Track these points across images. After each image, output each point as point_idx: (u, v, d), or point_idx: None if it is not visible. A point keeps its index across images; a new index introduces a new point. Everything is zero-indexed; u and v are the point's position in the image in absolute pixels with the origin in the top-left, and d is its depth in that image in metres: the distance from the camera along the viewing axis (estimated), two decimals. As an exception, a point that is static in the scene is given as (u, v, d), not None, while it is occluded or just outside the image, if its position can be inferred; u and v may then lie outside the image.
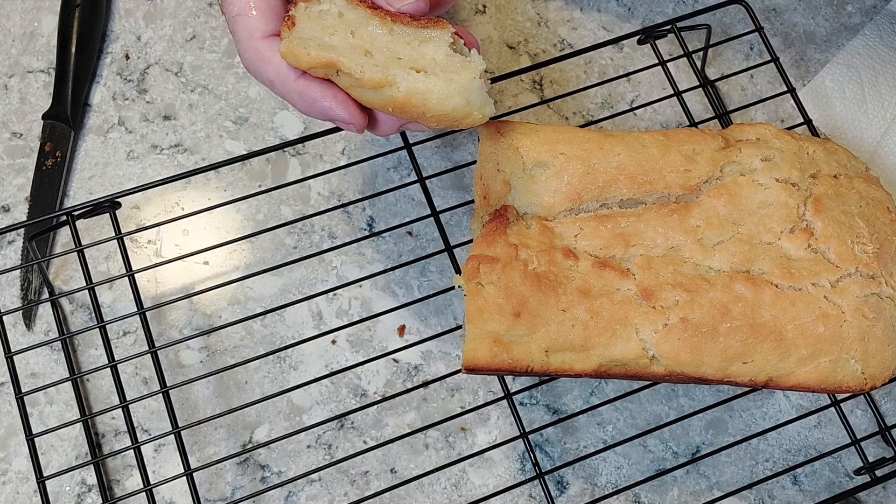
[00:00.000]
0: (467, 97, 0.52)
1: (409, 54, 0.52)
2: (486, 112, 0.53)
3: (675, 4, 0.81)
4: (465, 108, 0.52)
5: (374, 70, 0.51)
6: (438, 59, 0.52)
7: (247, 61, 0.53)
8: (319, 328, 0.70)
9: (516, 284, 0.55)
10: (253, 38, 0.52)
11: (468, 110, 0.52)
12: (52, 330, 0.69)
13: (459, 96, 0.52)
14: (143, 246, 0.72)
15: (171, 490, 0.66)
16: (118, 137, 0.74)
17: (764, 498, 0.68)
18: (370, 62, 0.51)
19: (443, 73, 0.52)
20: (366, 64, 0.51)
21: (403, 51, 0.52)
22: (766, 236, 0.58)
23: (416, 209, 0.73)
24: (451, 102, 0.52)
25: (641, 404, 0.70)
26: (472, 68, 0.52)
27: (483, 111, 0.53)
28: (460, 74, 0.52)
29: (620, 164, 0.59)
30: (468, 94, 0.52)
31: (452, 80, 0.51)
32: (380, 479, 0.67)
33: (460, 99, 0.52)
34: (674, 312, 0.55)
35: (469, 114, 0.53)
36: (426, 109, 0.52)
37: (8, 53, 0.76)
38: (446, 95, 0.51)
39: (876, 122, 0.75)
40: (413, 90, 0.51)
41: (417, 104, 0.51)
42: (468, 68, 0.52)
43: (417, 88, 0.51)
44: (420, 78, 0.51)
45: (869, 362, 0.56)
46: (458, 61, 0.52)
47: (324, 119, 0.54)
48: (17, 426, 0.67)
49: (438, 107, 0.52)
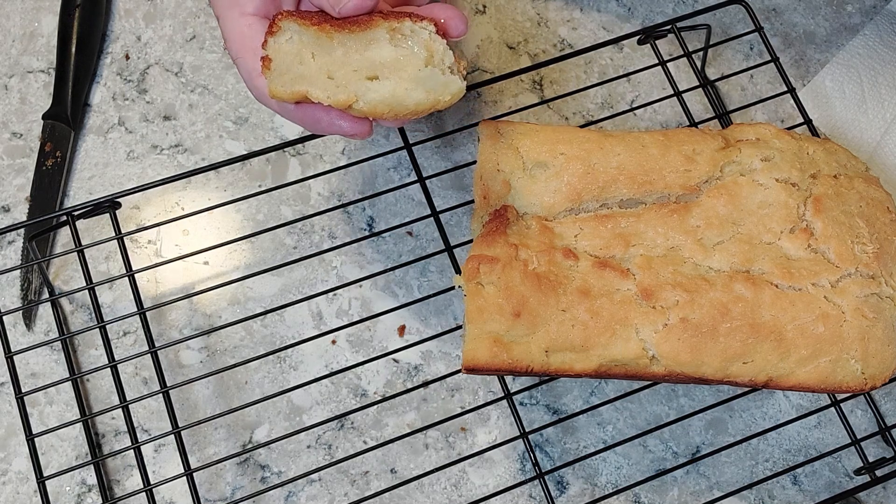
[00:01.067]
0: (424, 88, 0.51)
1: (360, 63, 0.52)
2: (454, 90, 0.52)
3: (675, 4, 0.81)
4: (428, 99, 0.51)
5: (338, 92, 0.51)
6: (384, 60, 0.51)
7: (255, 98, 0.57)
8: (319, 328, 0.70)
9: (516, 284, 0.55)
10: (252, 77, 0.54)
11: (433, 98, 0.52)
12: (52, 330, 0.69)
13: (416, 91, 0.51)
14: (143, 246, 0.72)
15: (171, 490, 0.66)
16: (118, 137, 0.74)
17: (764, 498, 0.68)
18: (333, 84, 0.51)
19: (392, 74, 0.51)
20: (330, 88, 0.51)
21: (356, 61, 0.52)
22: (766, 236, 0.58)
23: (416, 209, 0.73)
24: (412, 99, 0.51)
25: (641, 404, 0.70)
26: (415, 59, 0.51)
27: (450, 91, 0.52)
28: (406, 70, 0.51)
29: (620, 164, 0.59)
30: (423, 85, 0.51)
31: (402, 78, 0.51)
32: (380, 479, 0.67)
33: (418, 93, 0.51)
34: (674, 312, 0.55)
35: (436, 100, 0.52)
36: (395, 113, 0.52)
37: (8, 53, 0.76)
38: (403, 95, 0.51)
39: (876, 122, 0.75)
40: (374, 101, 0.51)
41: (383, 111, 0.51)
42: (411, 60, 0.51)
43: (376, 98, 0.51)
44: (375, 87, 0.51)
45: (869, 362, 0.56)
46: (402, 55, 0.51)
47: (333, 134, 0.55)
48: (17, 426, 0.67)
49: (402, 108, 0.51)
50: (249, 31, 0.54)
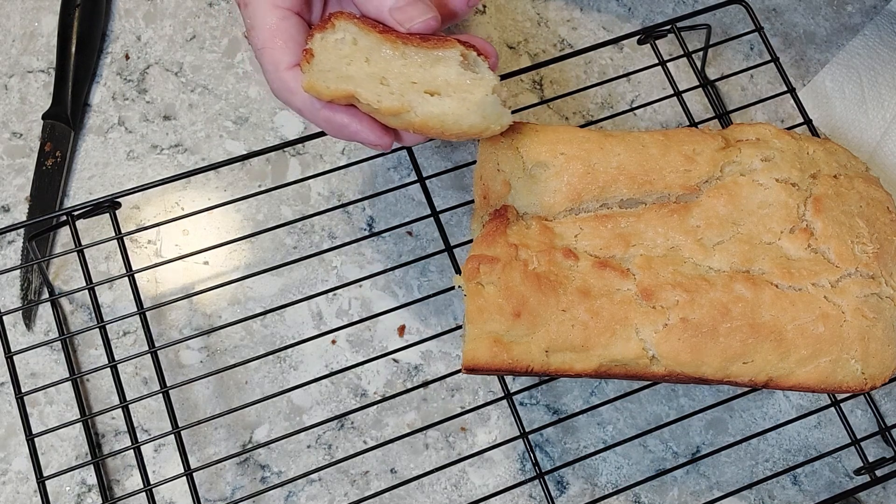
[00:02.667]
0: (482, 114, 0.52)
1: (422, 77, 0.52)
2: (504, 122, 0.54)
3: (675, 4, 0.81)
4: (481, 124, 0.53)
5: (391, 98, 0.51)
6: (451, 79, 0.52)
7: (275, 91, 0.55)
8: (319, 328, 0.70)
9: (516, 284, 0.55)
10: (279, 70, 0.53)
11: (485, 125, 0.53)
12: (52, 330, 0.69)
13: (474, 115, 0.52)
14: (143, 246, 0.72)
15: (171, 490, 0.66)
16: (118, 137, 0.74)
17: (764, 498, 0.68)
18: (386, 90, 0.52)
19: (456, 94, 0.52)
20: (382, 93, 0.51)
21: (416, 74, 0.52)
22: (766, 236, 0.58)
23: (416, 209, 0.73)
24: (468, 121, 0.52)
25: (641, 404, 0.70)
26: (483, 85, 0.52)
27: (501, 122, 0.54)
28: (473, 93, 0.52)
29: (620, 164, 0.59)
30: (483, 111, 0.52)
31: (466, 100, 0.52)
32: (380, 479, 0.67)
33: (476, 117, 0.52)
34: (674, 312, 0.55)
35: (487, 127, 0.53)
36: (444, 130, 0.52)
37: (8, 53, 0.76)
38: (461, 116, 0.52)
39: (876, 122, 0.75)
40: (429, 115, 0.51)
41: (435, 126, 0.52)
42: (480, 85, 0.52)
43: (433, 112, 0.51)
44: (434, 101, 0.52)
45: (869, 362, 0.56)
46: (470, 79, 0.52)
47: (352, 141, 0.55)
48: (17, 426, 0.67)
49: (455, 127, 0.52)
50: (281, 24, 0.53)
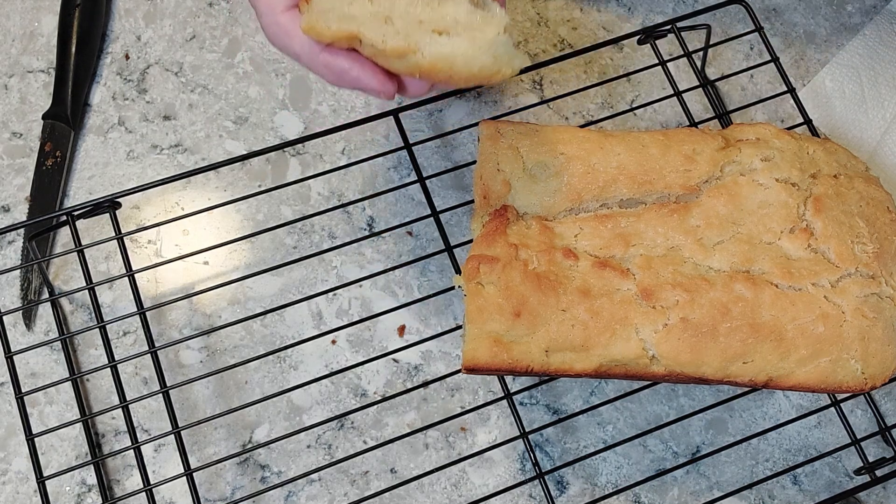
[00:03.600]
0: (493, 54, 0.50)
1: (430, 16, 0.50)
2: (516, 65, 0.51)
3: (675, 4, 0.81)
4: (492, 66, 0.50)
5: (397, 38, 0.49)
6: (460, 17, 0.50)
7: (271, 36, 0.53)
8: (319, 328, 0.70)
9: (516, 284, 0.55)
10: (274, 12, 0.51)
11: (496, 67, 0.51)
12: (52, 330, 0.69)
13: (485, 55, 0.50)
14: (143, 246, 0.72)
15: (171, 490, 0.66)
16: (118, 137, 0.74)
17: (764, 498, 0.68)
18: (392, 30, 0.50)
19: (466, 33, 0.50)
20: (387, 32, 0.49)
21: (424, 13, 0.50)
22: (766, 236, 0.58)
23: (416, 209, 0.73)
24: (478, 62, 0.50)
25: (641, 404, 0.70)
26: (495, 23, 0.50)
27: (513, 65, 0.51)
28: (484, 32, 0.50)
29: (620, 164, 0.59)
30: (494, 51, 0.50)
31: (476, 39, 0.49)
32: (380, 479, 0.67)
33: (487, 57, 0.50)
34: (674, 312, 0.55)
35: (498, 70, 0.51)
36: (453, 72, 0.50)
37: (8, 53, 0.76)
38: (472, 56, 0.50)
39: (876, 122, 0.75)
40: (437, 55, 0.49)
41: (444, 68, 0.50)
42: (491, 24, 0.50)
43: (442, 52, 0.49)
44: (443, 41, 0.49)
45: (869, 362, 0.56)
46: (481, 17, 0.50)
47: (352, 89, 0.53)
48: (17, 426, 0.67)
49: (465, 68, 0.50)
50: None
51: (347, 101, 0.76)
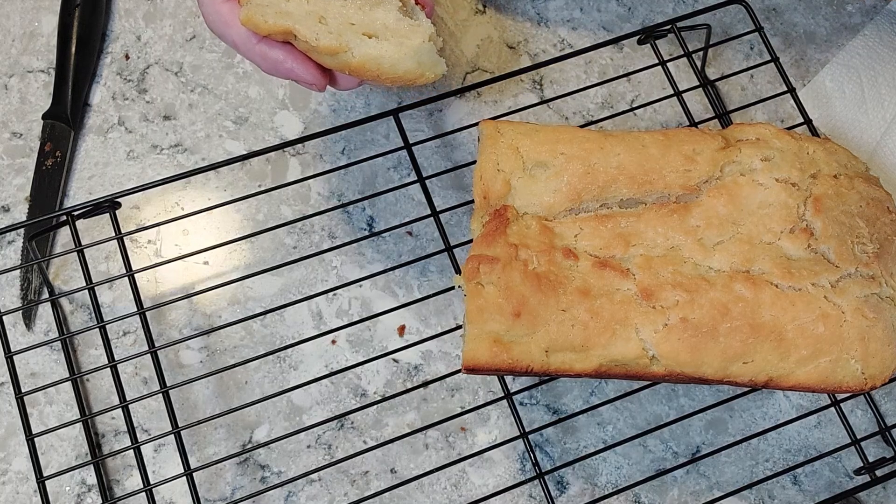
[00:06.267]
0: (418, 60, 0.54)
1: (361, 19, 0.54)
2: (438, 71, 0.56)
3: (675, 4, 0.81)
4: (416, 70, 0.54)
5: (329, 37, 0.53)
6: (389, 23, 0.54)
7: (210, 24, 0.55)
8: (319, 328, 0.70)
9: (516, 284, 0.55)
10: (215, 2, 0.54)
11: (420, 72, 0.55)
12: (52, 330, 0.69)
13: (410, 60, 0.54)
14: (143, 246, 0.72)
15: (171, 490, 0.66)
16: (118, 137, 0.74)
17: (764, 498, 0.68)
18: (324, 29, 0.53)
19: (394, 38, 0.54)
20: (320, 31, 0.53)
21: (356, 16, 0.54)
22: (766, 236, 0.58)
23: (416, 209, 0.73)
24: (403, 66, 0.54)
25: (641, 404, 0.70)
26: (421, 32, 0.54)
27: (435, 71, 0.55)
28: (410, 39, 0.54)
29: (620, 164, 0.59)
30: (419, 58, 0.54)
31: (403, 45, 0.54)
32: (380, 479, 0.67)
33: (411, 62, 0.54)
34: (674, 312, 0.55)
35: (421, 74, 0.55)
36: (380, 73, 0.54)
37: (8, 53, 0.76)
38: (398, 60, 0.54)
39: (876, 122, 0.75)
40: (366, 56, 0.53)
41: (371, 68, 0.54)
42: (417, 32, 0.54)
43: (370, 54, 0.53)
44: (372, 44, 0.53)
45: (869, 362, 0.56)
46: (408, 25, 0.54)
47: (286, 79, 0.56)
48: (17, 426, 0.67)
49: (391, 70, 0.54)
50: None
51: (347, 101, 0.76)
